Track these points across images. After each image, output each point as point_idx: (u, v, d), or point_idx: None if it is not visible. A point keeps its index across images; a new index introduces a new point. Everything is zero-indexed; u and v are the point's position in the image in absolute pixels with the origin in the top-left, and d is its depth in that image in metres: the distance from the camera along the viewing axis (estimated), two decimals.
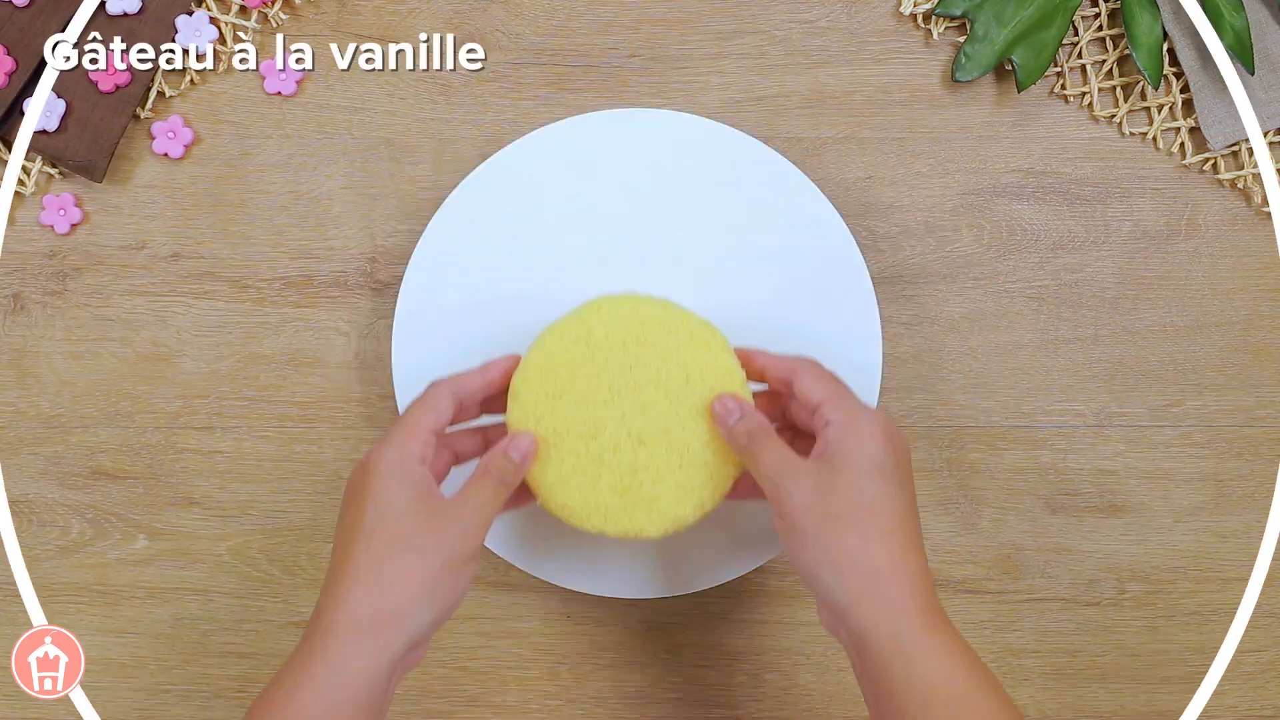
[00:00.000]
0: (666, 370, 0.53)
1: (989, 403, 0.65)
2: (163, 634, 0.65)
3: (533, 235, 0.61)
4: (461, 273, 0.61)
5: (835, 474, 0.48)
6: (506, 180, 0.61)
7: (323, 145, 0.64)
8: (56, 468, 0.65)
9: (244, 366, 0.65)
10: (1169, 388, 0.65)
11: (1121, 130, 0.65)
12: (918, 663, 0.46)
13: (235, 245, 0.65)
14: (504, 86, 0.64)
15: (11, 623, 0.65)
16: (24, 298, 0.65)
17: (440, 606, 0.48)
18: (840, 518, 0.48)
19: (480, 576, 0.65)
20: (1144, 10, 0.62)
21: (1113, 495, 0.65)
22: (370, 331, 0.65)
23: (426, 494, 0.49)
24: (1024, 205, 0.65)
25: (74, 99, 0.62)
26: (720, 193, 0.61)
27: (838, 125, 0.64)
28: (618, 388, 0.53)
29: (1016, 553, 0.65)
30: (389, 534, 0.48)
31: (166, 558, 0.65)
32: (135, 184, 0.65)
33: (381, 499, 0.48)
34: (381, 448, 0.50)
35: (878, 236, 0.64)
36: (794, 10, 0.64)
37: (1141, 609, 0.66)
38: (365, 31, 0.64)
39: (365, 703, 0.47)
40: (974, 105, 0.65)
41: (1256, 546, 0.65)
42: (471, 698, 0.66)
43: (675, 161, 0.61)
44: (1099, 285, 0.65)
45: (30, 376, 0.65)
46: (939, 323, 0.65)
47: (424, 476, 0.49)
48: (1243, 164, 0.64)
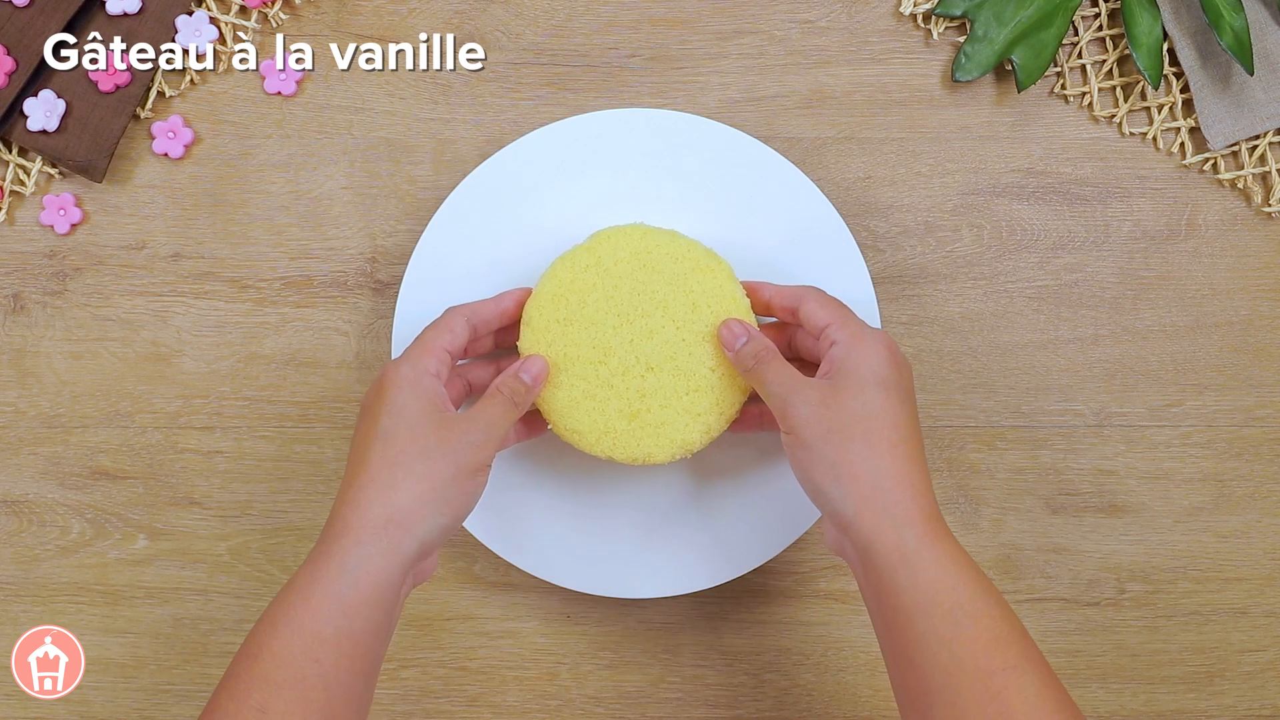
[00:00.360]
0: (674, 297, 0.56)
1: (989, 403, 0.65)
2: (163, 634, 0.65)
3: (533, 235, 0.61)
4: (461, 273, 0.61)
5: (840, 389, 0.50)
6: (506, 180, 0.61)
7: (323, 145, 0.64)
8: (56, 468, 0.65)
9: (244, 366, 0.65)
10: (1169, 388, 0.65)
11: (1121, 130, 0.65)
12: (921, 572, 0.47)
13: (235, 245, 0.65)
14: (504, 86, 0.64)
15: (12, 623, 0.65)
16: (24, 298, 0.65)
17: (450, 513, 0.50)
18: (845, 430, 0.49)
19: (480, 576, 0.65)
20: (1144, 10, 0.62)
21: (1113, 495, 0.65)
22: (370, 331, 0.65)
23: (439, 406, 0.51)
24: (1024, 205, 0.65)
25: (74, 99, 0.62)
26: (720, 193, 0.61)
27: (838, 125, 0.64)
28: (626, 314, 0.56)
29: (1016, 553, 0.65)
30: (402, 440, 0.49)
31: (166, 558, 0.65)
32: (135, 184, 0.65)
33: (396, 408, 0.50)
34: (397, 364, 0.52)
35: (878, 236, 0.64)
36: (794, 10, 0.64)
37: (1141, 609, 0.66)
38: (365, 31, 0.64)
39: (377, 603, 0.48)
40: (974, 105, 0.65)
41: (1256, 546, 0.65)
42: (471, 698, 0.66)
43: (675, 161, 0.61)
44: (1099, 285, 0.65)
45: (30, 376, 0.65)
46: (939, 323, 0.65)
47: (437, 390, 0.52)
48: (1243, 164, 0.64)
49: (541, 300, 0.57)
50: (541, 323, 0.56)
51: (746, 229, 0.61)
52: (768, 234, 0.60)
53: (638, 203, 0.61)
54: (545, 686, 0.66)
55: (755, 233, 0.61)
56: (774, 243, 0.60)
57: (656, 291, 0.56)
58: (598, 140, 0.61)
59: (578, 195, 0.61)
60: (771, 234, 0.60)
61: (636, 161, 0.61)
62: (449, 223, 0.61)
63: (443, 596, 0.65)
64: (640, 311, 0.56)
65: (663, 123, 0.61)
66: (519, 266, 0.61)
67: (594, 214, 0.61)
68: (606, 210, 0.61)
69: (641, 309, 0.56)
